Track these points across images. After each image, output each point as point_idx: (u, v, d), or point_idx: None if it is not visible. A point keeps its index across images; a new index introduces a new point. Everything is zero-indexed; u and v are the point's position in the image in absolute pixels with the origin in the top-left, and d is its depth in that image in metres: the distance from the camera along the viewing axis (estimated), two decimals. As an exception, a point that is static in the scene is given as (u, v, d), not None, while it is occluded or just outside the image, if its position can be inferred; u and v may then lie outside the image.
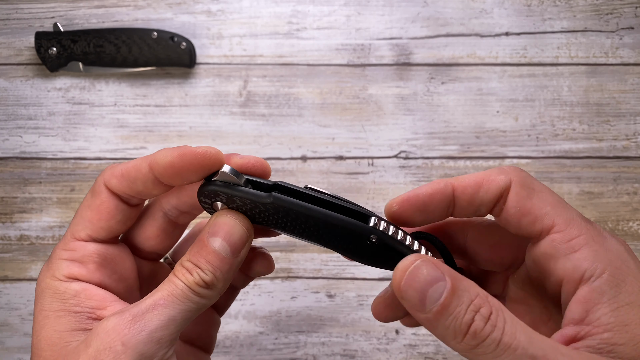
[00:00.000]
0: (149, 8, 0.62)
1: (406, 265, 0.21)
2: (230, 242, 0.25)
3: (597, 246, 0.21)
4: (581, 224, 0.22)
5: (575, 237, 0.22)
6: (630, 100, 0.62)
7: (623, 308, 0.20)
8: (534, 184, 0.24)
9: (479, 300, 0.20)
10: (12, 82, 0.62)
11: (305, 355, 0.60)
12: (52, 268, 0.26)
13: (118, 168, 0.26)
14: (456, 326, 0.20)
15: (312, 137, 0.61)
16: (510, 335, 0.19)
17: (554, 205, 0.23)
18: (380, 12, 0.62)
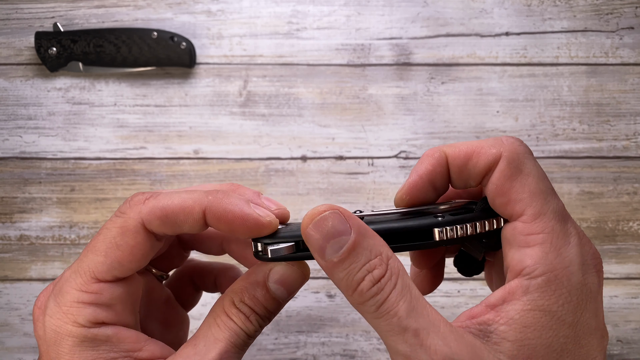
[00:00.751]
0: (149, 8, 0.62)
1: (314, 213, 0.22)
2: (289, 287, 0.25)
3: (551, 249, 0.21)
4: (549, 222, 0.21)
5: (535, 233, 0.21)
6: (630, 100, 0.62)
7: (535, 312, 0.20)
8: (524, 165, 0.22)
9: (376, 261, 0.21)
10: (12, 82, 0.62)
11: (305, 355, 0.60)
12: (72, 312, 0.23)
13: (159, 205, 0.24)
14: (348, 281, 0.21)
15: (312, 137, 0.61)
16: (392, 302, 0.20)
17: (532, 194, 0.22)
18: (380, 12, 0.62)
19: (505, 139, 0.23)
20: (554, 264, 0.21)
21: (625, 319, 0.61)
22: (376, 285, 0.21)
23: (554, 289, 0.20)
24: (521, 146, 0.23)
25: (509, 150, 0.23)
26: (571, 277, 0.21)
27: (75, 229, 0.61)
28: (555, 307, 0.20)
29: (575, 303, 0.21)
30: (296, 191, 0.61)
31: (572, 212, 0.61)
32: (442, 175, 0.24)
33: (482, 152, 0.23)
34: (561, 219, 0.22)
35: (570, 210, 0.61)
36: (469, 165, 0.23)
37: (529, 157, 0.23)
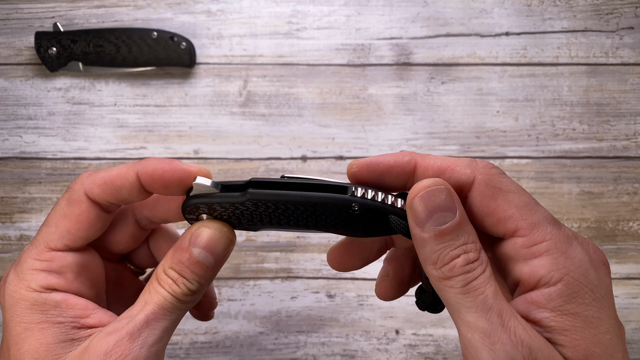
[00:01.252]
0: (149, 8, 0.62)
1: (429, 183, 0.22)
2: (213, 251, 0.26)
3: (558, 254, 0.21)
4: (546, 228, 0.22)
5: (537, 242, 0.21)
6: (630, 100, 0.62)
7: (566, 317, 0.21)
8: (501, 183, 0.23)
9: (471, 245, 0.22)
10: (12, 82, 0.62)
11: (305, 355, 0.60)
12: (26, 279, 0.25)
13: (99, 176, 0.26)
14: (442, 255, 0.22)
15: (312, 137, 0.61)
16: (481, 282, 0.21)
17: (519, 208, 0.22)
18: (380, 12, 0.62)
19: (478, 162, 0.23)
20: (567, 266, 0.21)
21: (625, 319, 0.61)
22: (469, 264, 0.22)
23: (576, 290, 0.21)
24: (494, 168, 0.23)
25: (483, 173, 0.23)
26: (587, 275, 0.21)
27: (75, 229, 0.61)
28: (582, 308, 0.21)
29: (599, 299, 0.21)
30: (296, 191, 0.61)
31: (572, 212, 0.61)
32: (396, 175, 0.24)
33: (456, 169, 0.23)
34: (555, 224, 0.22)
35: (570, 210, 0.61)
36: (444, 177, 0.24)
37: (503, 175, 0.23)
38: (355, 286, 0.61)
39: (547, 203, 0.61)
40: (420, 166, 0.24)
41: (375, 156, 0.25)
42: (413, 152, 0.24)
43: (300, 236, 0.61)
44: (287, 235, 0.61)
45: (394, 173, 0.24)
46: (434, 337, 0.60)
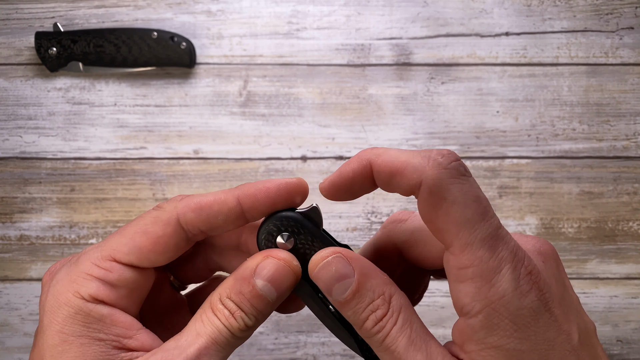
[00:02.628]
0: (149, 8, 0.62)
1: (319, 259, 0.23)
2: (278, 286, 0.24)
3: (482, 282, 0.20)
4: (477, 252, 0.20)
5: (464, 267, 0.21)
6: (630, 100, 0.62)
7: (489, 350, 0.20)
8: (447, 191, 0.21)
9: (378, 301, 0.22)
10: (12, 82, 0.62)
11: (305, 355, 0.60)
12: (77, 282, 0.23)
13: (194, 200, 0.24)
14: (354, 319, 0.23)
15: (312, 137, 0.61)
16: (392, 338, 0.22)
17: (457, 224, 0.21)
18: (380, 12, 0.62)
19: (432, 158, 0.21)
20: (489, 297, 0.20)
21: (625, 319, 0.61)
22: (378, 324, 0.22)
23: (497, 323, 0.20)
24: (446, 169, 0.21)
25: (431, 176, 0.21)
26: (509, 306, 0.20)
27: (75, 229, 0.61)
28: (503, 341, 0.20)
29: (523, 328, 0.20)
30: (296, 191, 0.61)
31: (572, 212, 0.61)
32: (362, 183, 0.24)
33: (404, 173, 0.22)
34: (491, 245, 0.21)
35: (570, 210, 0.61)
36: (393, 183, 0.23)
37: (454, 180, 0.21)
38: (355, 286, 0.60)
39: (547, 203, 0.61)
40: (374, 170, 0.23)
41: (337, 171, 0.24)
42: (370, 151, 0.23)
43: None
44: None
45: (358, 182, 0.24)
46: (434, 337, 0.60)
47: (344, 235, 0.61)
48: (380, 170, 0.23)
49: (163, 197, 0.61)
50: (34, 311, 0.60)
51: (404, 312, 0.22)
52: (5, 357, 0.60)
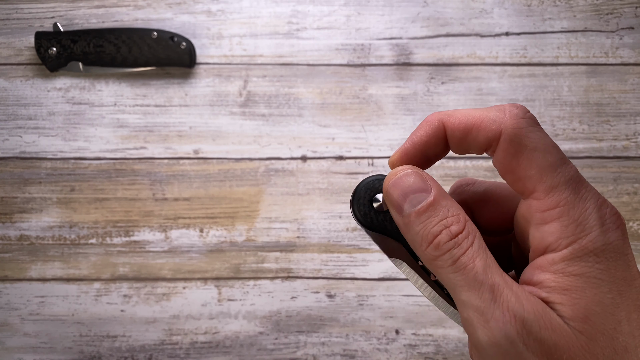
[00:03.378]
0: (149, 8, 0.62)
1: (397, 170, 0.23)
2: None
3: (569, 221, 0.21)
4: (562, 194, 0.21)
5: (550, 208, 0.21)
6: (630, 100, 0.62)
7: (567, 277, 0.21)
8: (527, 139, 0.21)
9: (452, 219, 0.22)
10: (12, 82, 0.62)
11: (305, 355, 0.60)
12: None
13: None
14: (424, 234, 0.22)
15: (312, 137, 0.61)
16: (469, 257, 0.21)
17: (540, 169, 0.21)
18: (380, 12, 0.62)
19: (508, 110, 0.22)
20: (576, 233, 0.21)
21: (625, 319, 0.61)
22: (453, 239, 0.21)
23: (581, 255, 0.21)
24: (523, 119, 0.22)
25: (511, 126, 0.22)
26: (595, 241, 0.21)
27: (75, 229, 0.61)
28: (586, 269, 0.21)
29: (604, 261, 0.21)
30: (296, 191, 0.61)
31: (572, 212, 0.61)
32: (436, 145, 0.24)
33: (482, 126, 0.22)
34: (574, 187, 0.21)
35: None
36: (469, 139, 0.23)
37: (532, 129, 0.22)
38: (355, 286, 0.61)
39: (547, 203, 0.61)
40: (448, 128, 0.23)
41: (407, 140, 0.24)
42: (439, 114, 0.24)
43: (300, 236, 0.61)
44: (287, 235, 0.61)
45: (432, 146, 0.24)
46: (434, 337, 0.60)
47: (344, 235, 0.61)
48: (455, 128, 0.23)
49: (163, 197, 0.61)
50: (33, 311, 0.60)
51: (479, 239, 0.22)
52: (5, 357, 0.60)
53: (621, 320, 0.20)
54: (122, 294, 0.60)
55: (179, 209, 0.61)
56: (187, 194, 0.61)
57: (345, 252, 0.61)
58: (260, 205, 0.61)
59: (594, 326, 0.20)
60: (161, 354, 0.60)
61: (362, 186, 0.25)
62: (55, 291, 0.60)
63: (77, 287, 0.60)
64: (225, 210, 0.61)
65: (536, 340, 0.20)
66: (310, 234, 0.61)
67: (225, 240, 0.61)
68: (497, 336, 0.20)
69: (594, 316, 0.20)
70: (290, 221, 0.61)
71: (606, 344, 0.20)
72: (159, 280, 0.60)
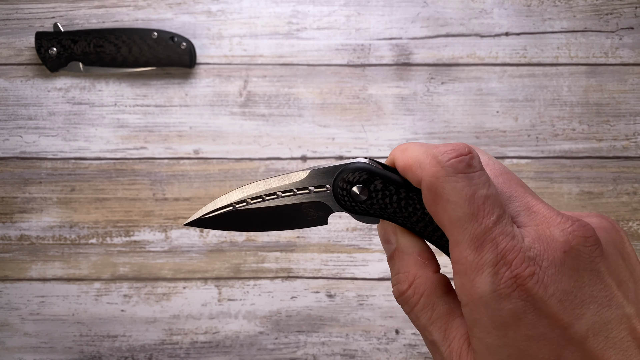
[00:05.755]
0: (149, 8, 0.62)
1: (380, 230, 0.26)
2: None
3: (466, 280, 0.21)
4: (463, 251, 0.21)
5: (455, 262, 0.22)
6: (630, 100, 0.62)
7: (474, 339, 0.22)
8: (443, 190, 0.22)
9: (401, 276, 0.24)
10: (12, 82, 0.62)
11: (305, 355, 0.60)
12: None
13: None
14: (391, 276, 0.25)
15: (312, 137, 0.61)
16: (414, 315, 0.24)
17: (450, 221, 0.22)
18: (380, 12, 0.62)
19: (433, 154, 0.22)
20: (471, 293, 0.21)
21: (625, 318, 0.61)
22: (401, 297, 0.24)
23: (477, 318, 0.21)
24: (443, 167, 0.22)
25: (428, 174, 0.22)
26: (487, 306, 0.21)
27: (76, 229, 0.61)
28: (483, 335, 0.21)
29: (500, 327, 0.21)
30: (296, 191, 0.61)
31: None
32: None
33: (412, 169, 0.23)
34: (477, 246, 0.21)
35: (570, 210, 0.61)
36: (408, 175, 0.24)
37: (449, 179, 0.22)
38: (355, 286, 0.61)
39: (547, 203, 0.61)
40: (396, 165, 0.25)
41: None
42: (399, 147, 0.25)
43: (300, 236, 0.61)
44: (287, 235, 0.61)
45: None
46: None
47: (344, 235, 0.61)
48: (399, 165, 0.24)
49: (163, 197, 0.61)
50: (34, 311, 0.60)
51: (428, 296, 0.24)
52: (5, 357, 0.60)
53: None
54: (122, 294, 0.60)
55: (179, 209, 0.61)
56: (187, 194, 0.61)
57: (345, 252, 0.61)
58: (260, 205, 0.61)
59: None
60: (161, 354, 0.60)
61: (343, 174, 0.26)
62: (55, 291, 0.60)
63: (77, 287, 0.60)
64: (226, 210, 0.61)
65: None
66: (310, 234, 0.61)
67: (225, 240, 0.61)
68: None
69: None
70: (290, 221, 0.61)
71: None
72: (159, 280, 0.60)
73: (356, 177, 0.25)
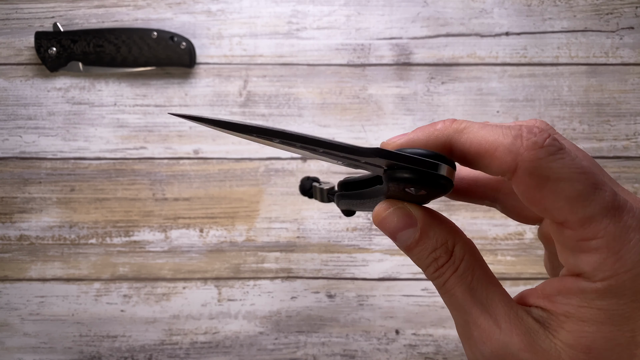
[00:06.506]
0: (149, 8, 0.62)
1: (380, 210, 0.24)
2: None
3: (610, 253, 0.19)
4: (600, 224, 0.19)
5: (587, 239, 0.19)
6: (630, 100, 0.62)
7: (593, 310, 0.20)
8: (549, 170, 0.19)
9: (440, 250, 0.23)
10: (12, 82, 0.62)
11: (305, 355, 0.60)
12: None
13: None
14: (418, 263, 0.24)
15: (312, 137, 0.61)
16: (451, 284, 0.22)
17: (569, 200, 0.19)
18: (380, 12, 0.62)
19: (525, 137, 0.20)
20: (615, 268, 0.19)
21: (625, 319, 0.61)
22: (439, 270, 0.23)
23: (615, 293, 0.19)
24: (542, 148, 0.19)
25: (528, 159, 0.19)
26: (637, 280, 0.19)
27: (75, 229, 0.61)
28: (616, 306, 0.19)
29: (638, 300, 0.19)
30: (296, 191, 0.61)
31: (572, 212, 0.61)
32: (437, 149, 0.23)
33: (495, 155, 0.20)
34: (614, 214, 0.19)
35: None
36: (480, 165, 0.21)
37: (553, 157, 0.19)
38: (355, 286, 0.61)
39: (547, 203, 0.61)
40: (457, 149, 0.22)
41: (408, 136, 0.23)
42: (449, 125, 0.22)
43: (300, 236, 0.61)
44: (287, 235, 0.61)
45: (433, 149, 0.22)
46: (434, 337, 0.60)
47: (344, 235, 0.61)
48: (465, 151, 0.21)
49: (163, 197, 0.61)
50: (34, 311, 0.60)
51: (467, 261, 0.22)
52: (5, 357, 0.60)
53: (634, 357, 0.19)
54: (122, 294, 0.60)
55: (179, 209, 0.61)
56: (187, 194, 0.61)
57: (345, 252, 0.61)
58: (260, 205, 0.61)
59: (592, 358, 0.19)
60: (161, 354, 0.60)
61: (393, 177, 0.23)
62: (55, 291, 0.60)
63: (77, 287, 0.60)
64: (225, 210, 0.61)
65: None
66: (310, 234, 0.61)
67: (225, 240, 0.61)
68: (478, 357, 0.21)
69: (598, 351, 0.19)
70: (290, 221, 0.61)
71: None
72: (159, 280, 0.60)
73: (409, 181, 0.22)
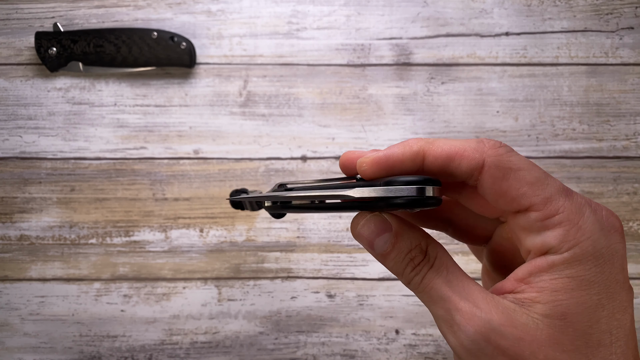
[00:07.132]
0: (149, 8, 0.62)
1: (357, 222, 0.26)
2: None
3: (570, 225, 0.22)
4: (559, 201, 0.22)
5: (550, 215, 0.22)
6: (630, 100, 0.62)
7: (564, 279, 0.22)
8: (510, 162, 0.23)
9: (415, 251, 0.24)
10: (12, 82, 0.62)
11: (305, 355, 0.60)
12: None
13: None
14: (394, 269, 0.25)
15: (312, 137, 0.61)
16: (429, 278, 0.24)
17: (531, 184, 0.23)
18: (380, 12, 0.62)
19: (486, 142, 0.24)
20: (577, 237, 0.22)
21: (625, 319, 0.61)
22: (414, 269, 0.24)
23: (580, 259, 0.22)
24: (502, 147, 0.24)
25: (492, 154, 0.23)
26: (595, 244, 0.22)
27: (75, 229, 0.61)
28: (582, 272, 0.22)
29: (602, 265, 0.22)
30: (296, 191, 0.61)
31: (572, 212, 0.61)
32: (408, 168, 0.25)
33: (464, 155, 0.24)
34: (567, 194, 0.23)
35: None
36: (451, 167, 0.24)
37: (511, 153, 0.24)
38: (355, 286, 0.61)
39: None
40: (429, 155, 0.24)
41: (384, 152, 0.25)
42: (420, 140, 0.25)
43: (300, 236, 0.61)
44: (287, 235, 0.61)
45: (405, 166, 0.25)
46: (434, 337, 0.60)
47: (344, 235, 0.61)
48: (437, 155, 0.24)
49: (163, 197, 0.61)
50: (34, 311, 0.60)
51: (440, 259, 0.24)
52: (5, 357, 0.60)
53: (600, 318, 0.22)
54: (122, 294, 0.60)
55: (179, 209, 0.61)
56: (187, 194, 0.61)
57: (345, 252, 0.61)
58: (260, 205, 0.61)
59: (568, 323, 0.22)
60: (161, 354, 0.60)
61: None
62: (55, 291, 0.60)
63: (77, 287, 0.60)
64: (225, 210, 0.61)
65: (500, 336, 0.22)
66: (310, 234, 0.61)
67: (225, 240, 0.61)
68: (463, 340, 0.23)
69: (572, 315, 0.22)
70: (290, 221, 0.61)
71: (577, 337, 0.21)
72: (159, 280, 0.60)
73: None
